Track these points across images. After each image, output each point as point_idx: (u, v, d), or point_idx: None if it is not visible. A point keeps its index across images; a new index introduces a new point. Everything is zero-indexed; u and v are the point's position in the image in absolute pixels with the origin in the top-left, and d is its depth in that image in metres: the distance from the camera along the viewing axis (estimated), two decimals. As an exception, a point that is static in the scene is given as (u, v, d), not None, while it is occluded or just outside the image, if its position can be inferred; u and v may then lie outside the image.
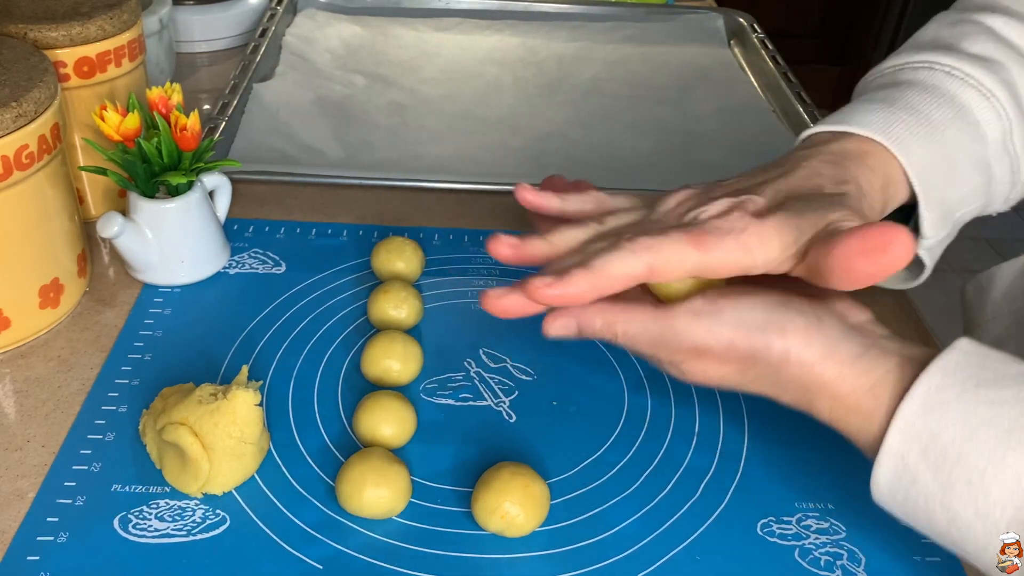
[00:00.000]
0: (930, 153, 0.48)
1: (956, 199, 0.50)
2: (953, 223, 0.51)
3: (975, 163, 0.50)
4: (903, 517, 0.42)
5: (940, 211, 0.49)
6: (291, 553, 0.47)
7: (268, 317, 0.62)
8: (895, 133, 0.48)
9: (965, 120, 0.49)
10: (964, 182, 0.50)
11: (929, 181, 0.48)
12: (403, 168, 0.79)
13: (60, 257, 0.60)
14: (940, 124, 0.49)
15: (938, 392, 0.39)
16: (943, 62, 0.51)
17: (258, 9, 1.02)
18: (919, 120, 0.48)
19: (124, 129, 0.59)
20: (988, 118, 0.50)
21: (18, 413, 0.54)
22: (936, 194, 0.48)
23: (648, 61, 1.02)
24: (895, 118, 0.48)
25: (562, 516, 0.50)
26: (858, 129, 0.48)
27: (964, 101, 0.49)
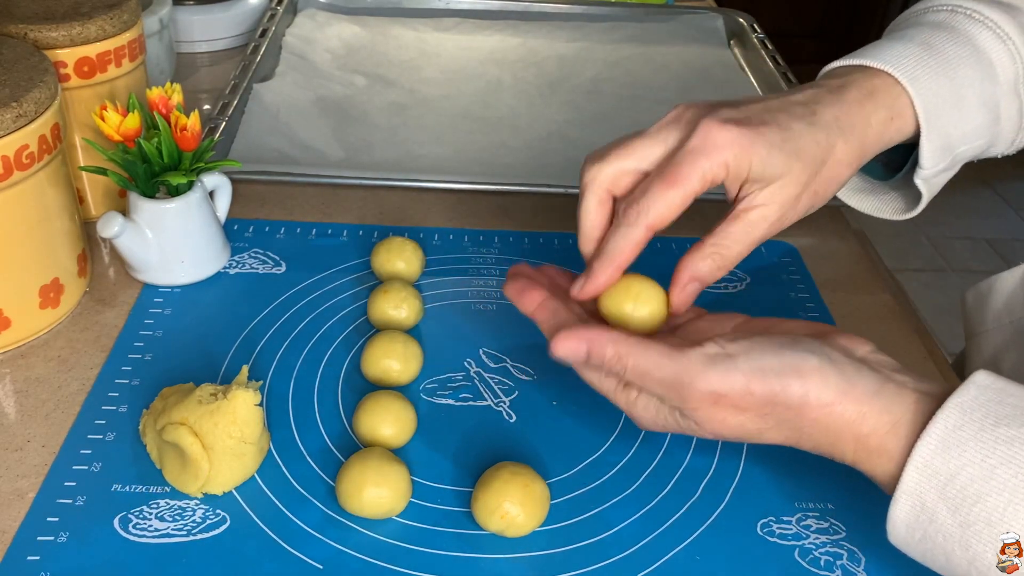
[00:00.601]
0: (939, 86, 0.49)
1: (959, 134, 0.51)
2: (954, 157, 0.52)
3: (984, 101, 0.51)
4: (919, 557, 0.41)
5: (941, 142, 0.50)
6: (291, 553, 0.47)
7: (268, 317, 0.62)
8: (905, 66, 0.49)
9: (979, 59, 0.51)
10: (970, 118, 0.51)
11: (934, 113, 0.49)
12: (403, 168, 0.79)
13: (60, 257, 0.60)
14: (953, 60, 0.50)
15: (956, 431, 0.39)
16: (966, 5, 0.52)
17: (258, 9, 1.02)
18: (932, 55, 0.50)
19: (124, 129, 0.59)
20: (1003, 60, 0.51)
21: (18, 413, 0.54)
22: (940, 126, 0.50)
23: (648, 61, 1.02)
24: (908, 52, 0.50)
25: (562, 516, 0.50)
26: (872, 62, 0.50)
27: (980, 42, 0.51)
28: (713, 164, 0.45)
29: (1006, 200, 2.52)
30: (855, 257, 0.72)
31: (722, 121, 0.46)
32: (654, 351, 0.43)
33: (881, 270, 0.71)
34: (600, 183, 0.48)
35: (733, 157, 0.45)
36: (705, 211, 0.76)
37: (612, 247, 0.47)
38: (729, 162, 0.46)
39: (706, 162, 0.45)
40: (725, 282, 0.68)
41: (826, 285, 0.68)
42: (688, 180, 0.45)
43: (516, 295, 0.49)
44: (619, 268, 0.47)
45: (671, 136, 0.48)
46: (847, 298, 0.67)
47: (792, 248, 0.72)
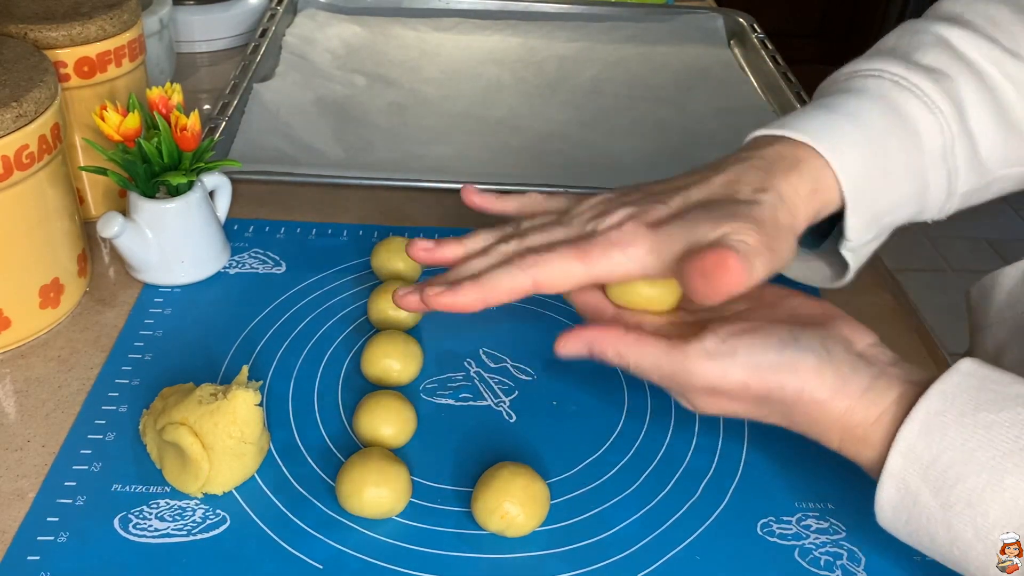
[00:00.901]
0: (864, 160, 0.49)
1: (886, 205, 0.50)
2: (880, 227, 0.52)
3: (911, 172, 0.50)
4: (907, 539, 0.43)
5: (867, 216, 0.50)
6: (291, 553, 0.47)
7: (268, 317, 0.62)
8: (831, 139, 0.48)
9: (905, 129, 0.50)
10: (896, 189, 0.50)
11: (860, 187, 0.48)
12: (403, 168, 0.79)
13: (60, 257, 0.60)
14: (879, 132, 0.49)
15: (937, 415, 0.40)
16: (893, 71, 0.51)
17: (258, 9, 1.02)
18: (858, 126, 0.49)
19: (124, 129, 0.59)
20: (929, 129, 0.50)
21: (18, 413, 0.54)
22: (865, 200, 0.49)
23: (648, 61, 1.02)
24: (833, 124, 0.49)
25: (562, 516, 0.50)
26: (795, 134, 0.48)
27: (907, 111, 0.50)
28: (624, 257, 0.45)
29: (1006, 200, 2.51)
30: (855, 257, 0.71)
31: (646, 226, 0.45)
32: (652, 349, 0.44)
33: (881, 270, 0.71)
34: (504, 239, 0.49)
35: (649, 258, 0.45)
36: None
37: (493, 281, 0.45)
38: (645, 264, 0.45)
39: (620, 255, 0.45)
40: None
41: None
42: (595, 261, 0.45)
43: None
44: (485, 303, 0.46)
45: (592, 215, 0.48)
46: (847, 298, 0.67)
47: (792, 248, 0.72)
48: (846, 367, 0.43)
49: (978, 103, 0.51)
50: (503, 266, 0.46)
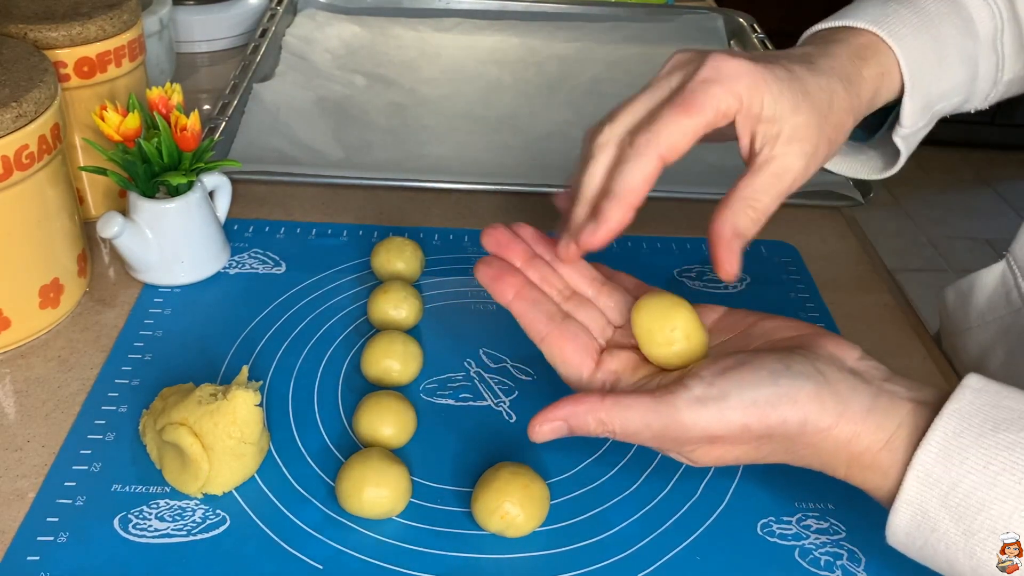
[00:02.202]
0: (922, 44, 0.49)
1: (939, 91, 0.51)
2: (932, 114, 0.52)
3: (964, 58, 0.51)
4: (920, 560, 0.41)
5: (923, 101, 0.50)
6: (291, 553, 0.47)
7: (268, 317, 0.62)
8: (890, 24, 0.49)
9: (960, 15, 0.50)
10: (951, 75, 0.51)
11: (918, 72, 0.49)
12: (403, 168, 0.79)
13: (60, 257, 0.60)
14: (935, 17, 0.50)
15: (955, 437, 0.38)
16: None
17: (258, 9, 1.02)
18: (915, 12, 0.49)
19: (124, 129, 0.59)
20: (982, 16, 0.51)
21: (18, 413, 0.54)
22: (923, 85, 0.49)
23: (648, 61, 1.02)
24: (891, 10, 0.49)
25: (562, 516, 0.50)
26: (855, 22, 0.49)
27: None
28: (727, 93, 0.43)
29: (1006, 200, 2.52)
30: (855, 257, 0.72)
31: (731, 55, 0.44)
32: (638, 409, 0.41)
33: (881, 270, 0.71)
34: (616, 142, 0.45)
35: (745, 88, 0.43)
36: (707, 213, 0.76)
37: (623, 183, 0.43)
38: (742, 93, 0.43)
39: (720, 90, 0.43)
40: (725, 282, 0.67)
41: (826, 285, 0.68)
42: (703, 108, 0.43)
43: (490, 282, 0.46)
44: (632, 207, 0.43)
45: (676, 79, 0.45)
46: (847, 298, 0.67)
47: (792, 248, 0.72)
48: (844, 388, 0.41)
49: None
50: (623, 164, 0.43)
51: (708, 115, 0.43)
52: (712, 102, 0.43)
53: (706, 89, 0.43)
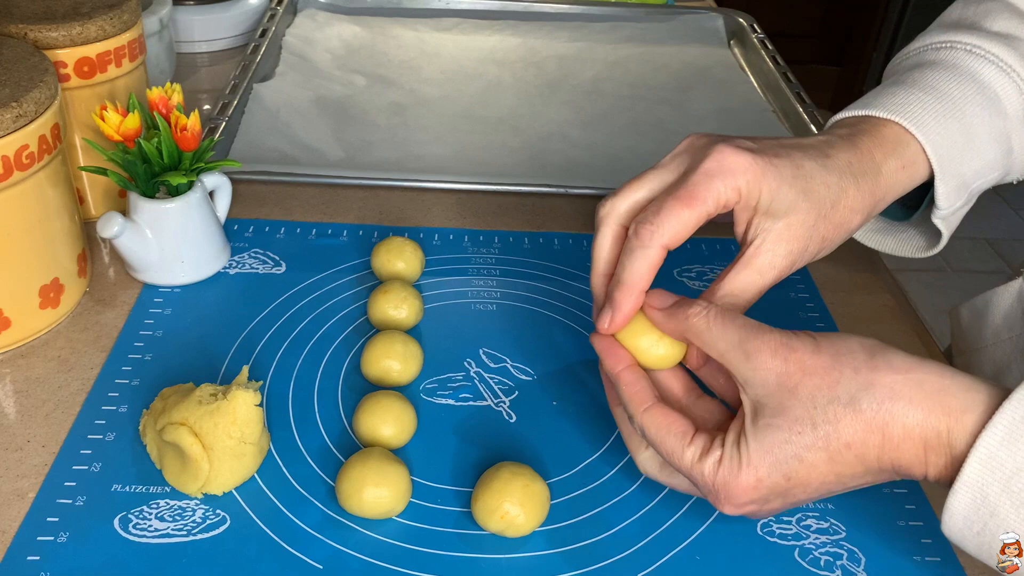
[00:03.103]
0: (948, 129, 0.49)
1: (972, 171, 0.51)
2: (970, 193, 0.52)
3: (994, 136, 0.51)
4: (974, 550, 0.40)
5: (955, 183, 0.50)
6: (291, 553, 0.47)
7: (268, 317, 0.62)
8: (913, 113, 0.49)
9: (984, 95, 0.51)
10: (982, 155, 0.51)
11: (946, 156, 0.49)
12: (403, 168, 0.79)
13: (60, 257, 0.60)
14: (959, 101, 0.50)
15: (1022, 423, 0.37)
16: (964, 41, 0.52)
17: (258, 9, 1.02)
18: (938, 98, 0.50)
19: (124, 129, 0.59)
20: (1008, 92, 0.51)
21: (18, 413, 0.54)
22: (953, 168, 0.50)
23: (648, 61, 1.02)
24: (914, 98, 0.50)
25: (562, 516, 0.50)
26: (878, 112, 0.49)
27: (984, 78, 0.51)
28: (727, 187, 0.45)
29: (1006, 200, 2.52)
30: (855, 257, 0.72)
31: (736, 147, 0.45)
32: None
33: (881, 270, 0.72)
34: (615, 217, 0.48)
35: (746, 183, 0.45)
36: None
37: (630, 272, 0.46)
38: (742, 187, 0.45)
39: (720, 184, 0.45)
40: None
41: (826, 285, 0.68)
42: (703, 200, 0.45)
43: (605, 348, 0.47)
44: (642, 292, 0.46)
45: (683, 163, 0.47)
46: (847, 298, 0.67)
47: (792, 248, 0.72)
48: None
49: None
50: (630, 254, 0.46)
51: (709, 207, 0.45)
52: (713, 195, 0.45)
53: (708, 182, 0.45)
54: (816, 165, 0.47)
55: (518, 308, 0.64)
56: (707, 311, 0.43)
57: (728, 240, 0.72)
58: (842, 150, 0.48)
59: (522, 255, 0.69)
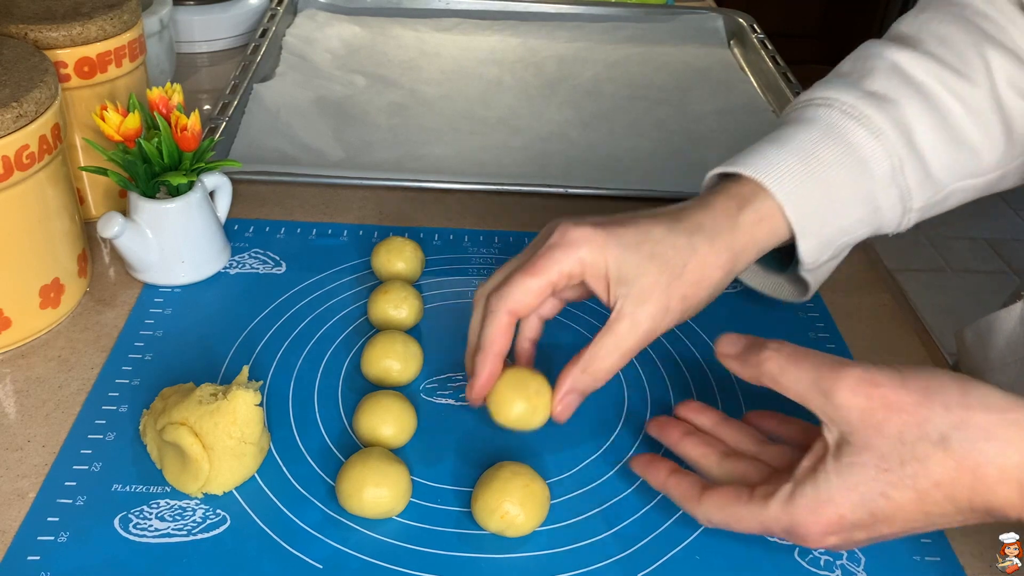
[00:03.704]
0: (809, 191, 0.51)
1: (837, 230, 0.53)
2: (836, 248, 0.54)
3: (860, 197, 0.52)
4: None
5: (817, 241, 0.52)
6: (291, 553, 0.47)
7: (268, 317, 0.62)
8: (777, 172, 0.51)
9: (852, 157, 0.52)
10: (846, 215, 0.52)
11: (807, 216, 0.51)
12: (403, 168, 0.79)
13: (60, 257, 0.60)
14: (824, 163, 0.51)
15: None
16: (843, 99, 0.53)
17: (258, 9, 1.02)
18: (802, 159, 0.51)
19: (125, 129, 0.59)
20: (876, 155, 0.52)
21: (18, 413, 0.54)
22: (814, 227, 0.52)
23: (648, 61, 1.02)
24: (779, 159, 0.51)
25: (562, 516, 0.50)
26: (741, 169, 0.51)
27: (853, 140, 0.52)
28: (568, 257, 0.48)
29: (1006, 200, 2.52)
30: (855, 257, 0.72)
31: (578, 223, 0.49)
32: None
33: (881, 270, 0.72)
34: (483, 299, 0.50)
35: (588, 252, 0.48)
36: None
37: (483, 337, 0.49)
38: (584, 257, 0.48)
39: (561, 254, 0.48)
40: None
41: (826, 285, 0.68)
42: (545, 270, 0.48)
43: (644, 470, 0.49)
44: (497, 356, 0.49)
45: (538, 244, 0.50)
46: (847, 298, 0.67)
47: (792, 248, 0.72)
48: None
49: (926, 124, 0.53)
50: (484, 322, 0.49)
51: (552, 275, 0.48)
52: (555, 265, 0.48)
53: (550, 254, 0.48)
54: (663, 229, 0.49)
55: (518, 308, 0.64)
56: (778, 354, 0.43)
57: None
58: (694, 212, 0.50)
59: (522, 255, 0.69)
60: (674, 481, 0.47)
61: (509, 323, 0.49)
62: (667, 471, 0.48)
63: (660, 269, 0.48)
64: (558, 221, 0.50)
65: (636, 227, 0.49)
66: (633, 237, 0.48)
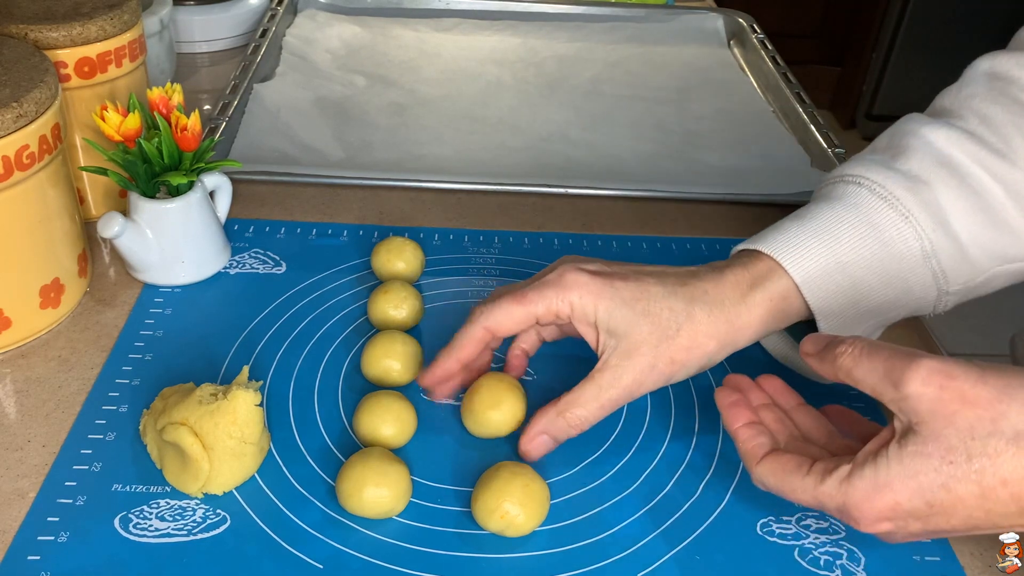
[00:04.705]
0: (830, 271, 0.51)
1: (865, 310, 0.52)
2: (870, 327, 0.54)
3: (887, 279, 0.52)
4: None
5: (840, 320, 0.52)
6: (291, 553, 0.47)
7: (268, 317, 0.62)
8: (795, 255, 0.51)
9: (878, 240, 0.51)
10: (873, 296, 0.52)
11: (826, 296, 0.51)
12: (403, 168, 0.79)
13: (61, 257, 0.60)
14: (848, 245, 0.51)
15: None
16: (874, 178, 0.53)
17: (258, 9, 1.02)
18: (825, 238, 0.51)
19: (125, 129, 0.59)
20: (905, 237, 0.51)
21: (19, 413, 0.54)
22: (835, 308, 0.52)
23: (648, 62, 1.02)
24: (800, 240, 0.52)
25: (562, 516, 0.50)
26: (763, 247, 0.52)
27: (880, 221, 0.52)
28: (558, 298, 0.49)
29: (1006, 200, 2.51)
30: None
31: (578, 268, 0.50)
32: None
33: (881, 270, 0.71)
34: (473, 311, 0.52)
35: (579, 298, 0.49)
36: (707, 213, 0.76)
37: (455, 341, 0.52)
38: (574, 302, 0.49)
39: (551, 293, 0.49)
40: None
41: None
42: (533, 303, 0.50)
43: (726, 407, 0.49)
44: (458, 360, 0.51)
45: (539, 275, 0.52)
46: (847, 298, 0.67)
47: (792, 248, 0.72)
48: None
49: (961, 207, 0.52)
50: (461, 328, 0.52)
51: (538, 309, 0.50)
52: (543, 301, 0.49)
53: (541, 290, 0.50)
54: (663, 290, 0.49)
55: (518, 308, 0.64)
56: (853, 348, 0.43)
57: (728, 240, 0.72)
58: (703, 279, 0.50)
59: (522, 255, 0.69)
60: (746, 433, 0.47)
61: (482, 337, 0.51)
62: (745, 419, 0.48)
63: (652, 328, 0.48)
64: (564, 260, 0.51)
65: (637, 283, 0.49)
66: (631, 292, 0.49)
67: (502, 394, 0.52)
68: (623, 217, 0.75)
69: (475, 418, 0.52)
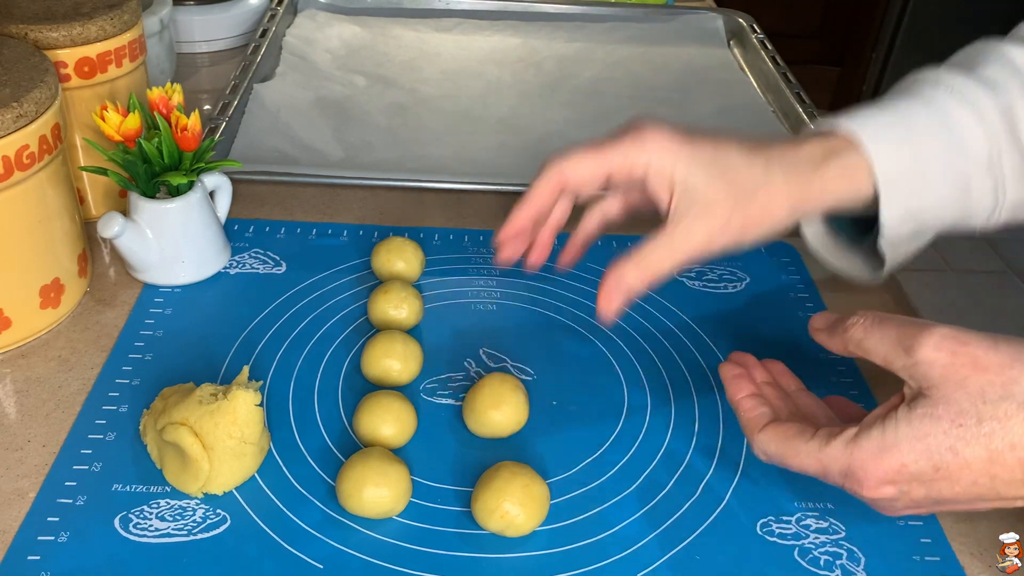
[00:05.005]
0: (902, 155, 0.50)
1: (923, 204, 0.52)
2: (919, 226, 0.53)
3: (951, 176, 0.51)
4: None
5: (902, 210, 0.51)
6: (291, 553, 0.47)
7: (268, 317, 0.62)
8: (872, 131, 0.50)
9: (951, 134, 0.51)
10: (935, 190, 0.52)
11: (895, 180, 0.50)
12: (403, 168, 0.79)
13: (61, 257, 0.60)
14: (921, 132, 0.51)
15: None
16: (951, 80, 0.53)
17: (258, 9, 1.02)
18: (902, 124, 0.51)
19: (125, 129, 0.59)
20: (976, 136, 0.51)
21: (19, 413, 0.54)
22: (901, 195, 0.51)
23: (648, 62, 1.02)
24: (878, 119, 0.51)
25: (562, 516, 0.50)
26: (839, 121, 0.51)
27: (955, 118, 0.51)
28: (636, 150, 0.48)
29: (1006, 200, 2.51)
30: (855, 257, 0.72)
31: (658, 127, 0.49)
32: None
33: (881, 270, 0.71)
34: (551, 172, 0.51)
35: (655, 152, 0.48)
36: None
37: (528, 194, 0.51)
38: (651, 156, 0.48)
39: (630, 148, 0.48)
40: (725, 282, 0.68)
41: (825, 285, 0.68)
42: (608, 155, 0.49)
43: (731, 378, 0.50)
44: (531, 209, 0.51)
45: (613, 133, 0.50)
46: (846, 298, 0.67)
47: (791, 248, 0.72)
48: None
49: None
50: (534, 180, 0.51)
51: (613, 160, 0.49)
52: (620, 153, 0.49)
53: (619, 144, 0.49)
54: (741, 152, 0.49)
55: (518, 308, 0.64)
56: (862, 320, 0.43)
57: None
58: (780, 147, 0.50)
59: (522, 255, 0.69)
60: (748, 404, 0.47)
61: (555, 186, 0.50)
62: (748, 391, 0.48)
63: (728, 189, 0.48)
64: (643, 120, 0.50)
65: (715, 145, 0.49)
66: (710, 152, 0.48)
67: (504, 394, 0.52)
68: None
69: (476, 417, 0.52)
